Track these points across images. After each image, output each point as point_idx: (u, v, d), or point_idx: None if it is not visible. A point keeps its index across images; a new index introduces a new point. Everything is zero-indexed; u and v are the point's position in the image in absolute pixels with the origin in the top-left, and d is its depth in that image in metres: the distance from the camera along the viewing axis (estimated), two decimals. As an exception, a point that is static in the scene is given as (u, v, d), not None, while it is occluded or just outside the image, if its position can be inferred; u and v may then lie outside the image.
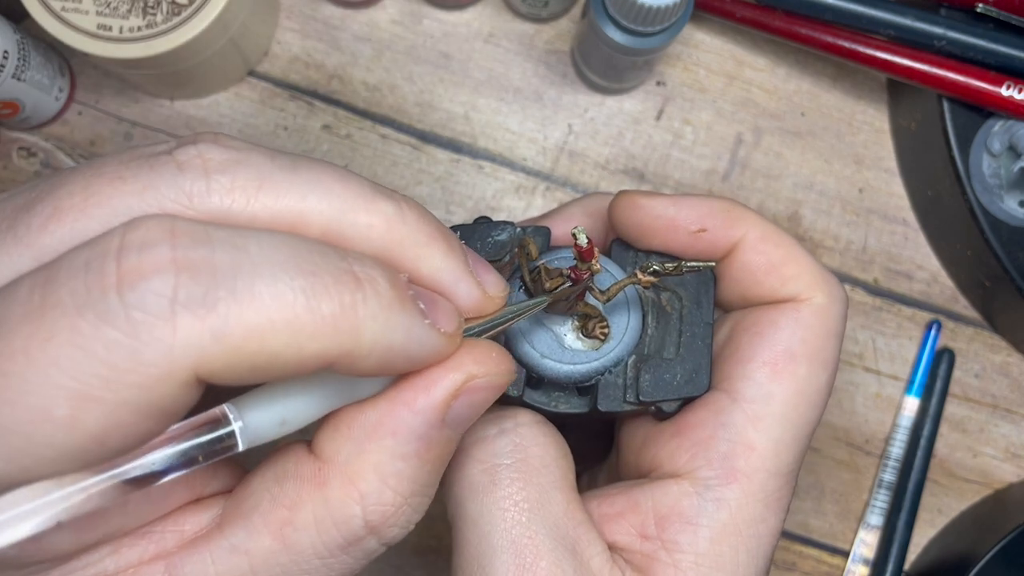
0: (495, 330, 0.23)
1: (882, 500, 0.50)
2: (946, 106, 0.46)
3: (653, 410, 0.28)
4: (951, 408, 0.51)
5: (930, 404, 0.50)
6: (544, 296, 0.25)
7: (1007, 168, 0.46)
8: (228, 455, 0.19)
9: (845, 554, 0.50)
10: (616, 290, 0.26)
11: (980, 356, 0.51)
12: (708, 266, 0.26)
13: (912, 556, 0.49)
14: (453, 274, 0.22)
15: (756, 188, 0.51)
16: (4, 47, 0.42)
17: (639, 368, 0.28)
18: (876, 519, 0.50)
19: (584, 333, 0.28)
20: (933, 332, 0.51)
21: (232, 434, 0.19)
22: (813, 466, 0.50)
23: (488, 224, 0.28)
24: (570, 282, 0.25)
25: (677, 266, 0.26)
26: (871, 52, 0.46)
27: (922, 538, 0.50)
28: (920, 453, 0.49)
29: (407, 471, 0.21)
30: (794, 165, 0.52)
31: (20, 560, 0.19)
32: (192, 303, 0.17)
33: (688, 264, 0.26)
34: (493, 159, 0.50)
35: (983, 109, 0.46)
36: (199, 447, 0.19)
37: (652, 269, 0.26)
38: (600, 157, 0.51)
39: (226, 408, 0.19)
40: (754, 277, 0.28)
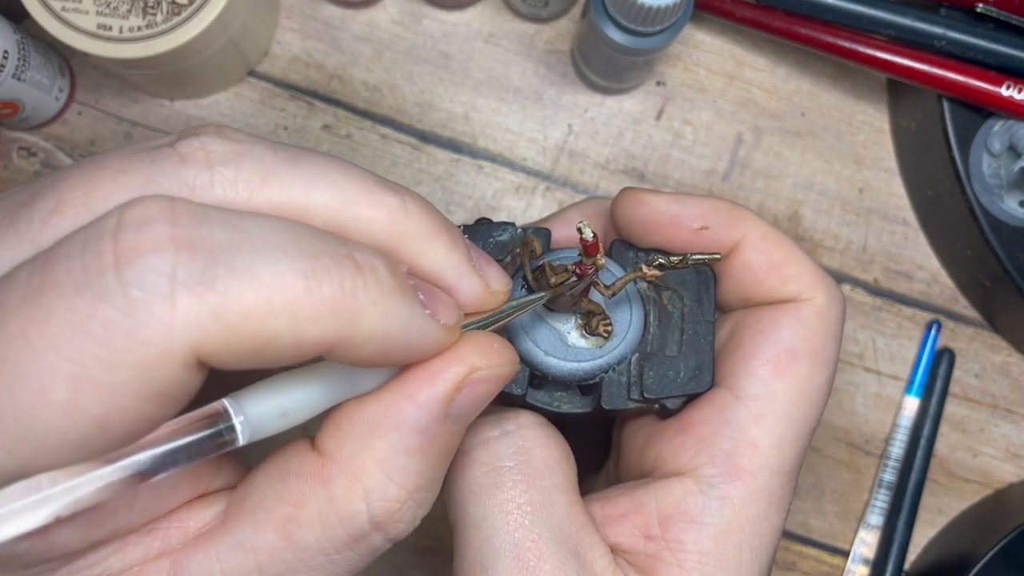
0: (496, 325, 0.23)
1: (882, 500, 0.50)
2: (946, 106, 0.46)
3: (657, 407, 0.28)
4: (951, 408, 0.51)
5: (930, 404, 0.50)
6: (547, 291, 0.25)
7: (1007, 168, 0.46)
8: (230, 448, 0.19)
9: (845, 554, 0.50)
10: (621, 284, 0.26)
11: (980, 356, 0.51)
12: (714, 258, 0.26)
13: (912, 556, 0.49)
14: (456, 268, 0.22)
15: (756, 188, 0.51)
16: (4, 47, 0.41)
17: (642, 366, 0.28)
18: (876, 519, 0.50)
19: (587, 331, 0.28)
20: (933, 332, 0.51)
21: (232, 427, 0.19)
22: (813, 466, 0.50)
23: (489, 225, 0.28)
24: (575, 277, 0.25)
25: (683, 259, 0.26)
26: (871, 52, 0.46)
27: (922, 538, 0.50)
28: (920, 453, 0.49)
29: (411, 466, 0.20)
30: (794, 165, 0.52)
31: (27, 558, 0.18)
32: (191, 281, 0.16)
33: (694, 256, 0.26)
34: (493, 159, 0.50)
35: (983, 109, 0.46)
36: (199, 440, 0.18)
37: (658, 262, 0.26)
38: (600, 157, 0.51)
39: (226, 401, 0.19)
40: (755, 276, 0.28)
